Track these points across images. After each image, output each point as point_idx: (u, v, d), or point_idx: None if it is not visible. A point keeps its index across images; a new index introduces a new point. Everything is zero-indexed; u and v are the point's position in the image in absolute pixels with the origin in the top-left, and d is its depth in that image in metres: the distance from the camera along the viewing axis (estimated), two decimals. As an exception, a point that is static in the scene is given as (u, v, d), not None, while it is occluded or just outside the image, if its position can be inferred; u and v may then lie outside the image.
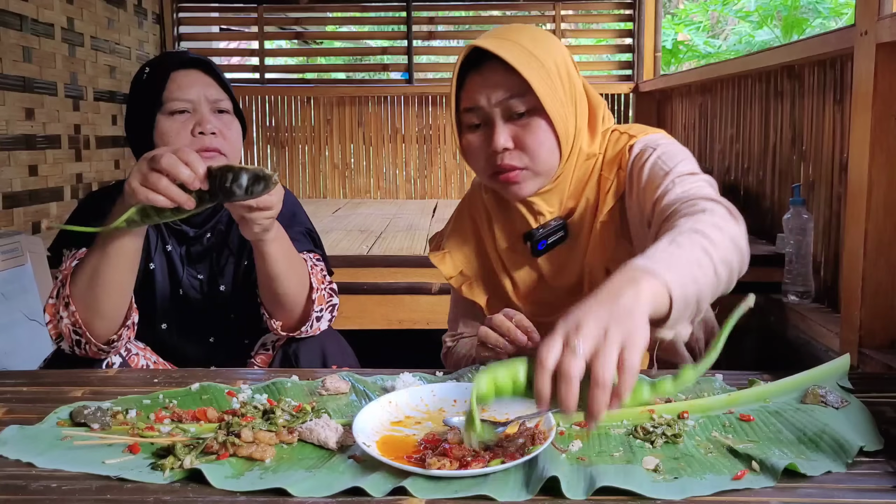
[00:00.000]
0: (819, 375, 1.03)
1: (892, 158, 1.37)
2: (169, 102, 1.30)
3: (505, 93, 1.13)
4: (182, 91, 1.31)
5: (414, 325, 2.59)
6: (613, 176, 1.21)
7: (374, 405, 0.94)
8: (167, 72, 1.31)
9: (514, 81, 1.12)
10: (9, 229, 2.85)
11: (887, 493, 0.76)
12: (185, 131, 1.30)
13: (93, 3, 3.82)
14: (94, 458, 0.83)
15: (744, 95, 2.63)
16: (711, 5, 6.86)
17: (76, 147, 3.61)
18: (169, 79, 1.31)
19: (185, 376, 1.15)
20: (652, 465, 0.81)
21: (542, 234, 1.22)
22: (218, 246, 1.43)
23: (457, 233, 1.37)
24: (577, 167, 1.21)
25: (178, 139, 1.29)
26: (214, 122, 1.31)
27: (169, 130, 1.30)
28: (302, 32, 5.61)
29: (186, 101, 1.31)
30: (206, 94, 1.32)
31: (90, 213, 1.39)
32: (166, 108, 1.30)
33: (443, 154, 5.19)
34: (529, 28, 1.19)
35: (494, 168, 1.17)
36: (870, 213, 1.38)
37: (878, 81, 1.35)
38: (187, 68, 1.33)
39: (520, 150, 1.15)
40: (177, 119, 1.30)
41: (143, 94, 1.33)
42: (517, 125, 1.15)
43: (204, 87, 1.32)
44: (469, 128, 1.20)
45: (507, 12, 5.35)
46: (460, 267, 1.34)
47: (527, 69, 1.11)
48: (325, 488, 0.76)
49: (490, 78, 1.14)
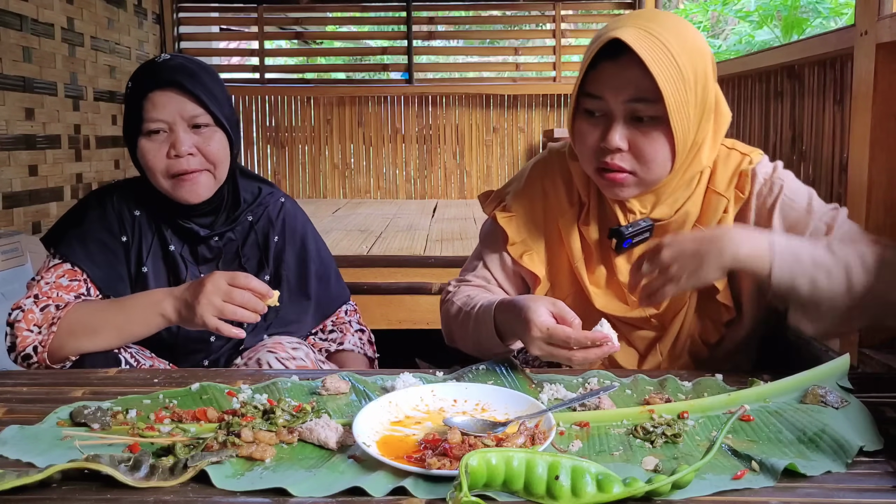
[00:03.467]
0: (819, 375, 1.03)
1: (892, 158, 1.37)
2: (146, 123, 1.32)
3: (635, 94, 1.08)
4: (157, 111, 1.31)
5: (414, 325, 2.59)
6: (731, 196, 1.18)
7: (374, 405, 0.94)
8: (144, 93, 1.32)
9: (648, 85, 1.06)
10: (9, 229, 2.85)
11: (887, 493, 0.76)
12: (161, 153, 1.33)
13: (93, 3, 3.82)
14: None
15: (744, 95, 2.63)
16: (711, 5, 6.87)
17: (76, 147, 3.62)
18: (146, 99, 1.31)
19: (185, 376, 1.15)
20: (652, 465, 0.81)
21: (630, 232, 1.18)
22: (227, 251, 1.45)
23: (525, 198, 1.30)
24: (685, 177, 1.17)
25: (156, 161, 1.33)
26: (190, 141, 1.32)
27: (147, 152, 1.33)
28: (302, 32, 5.61)
29: (162, 122, 1.32)
30: (180, 112, 1.32)
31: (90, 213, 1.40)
32: (144, 129, 1.32)
33: (443, 154, 5.19)
34: (680, 23, 1.12)
35: (601, 163, 1.13)
36: (870, 213, 1.38)
37: (878, 81, 1.35)
38: (163, 88, 1.32)
39: (633, 154, 1.11)
40: (154, 140, 1.33)
41: (127, 110, 1.36)
42: (637, 129, 1.10)
43: (179, 105, 1.32)
44: (586, 112, 1.14)
45: (507, 12, 5.36)
46: (524, 234, 1.29)
47: (664, 76, 1.05)
48: (325, 488, 0.76)
49: (623, 73, 1.08)
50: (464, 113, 5.19)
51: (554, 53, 5.14)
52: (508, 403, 0.97)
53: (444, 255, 2.73)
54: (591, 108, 1.13)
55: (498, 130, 5.21)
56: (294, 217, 1.52)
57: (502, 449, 0.76)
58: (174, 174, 1.33)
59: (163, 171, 1.33)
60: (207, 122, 1.35)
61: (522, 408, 0.95)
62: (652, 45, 1.05)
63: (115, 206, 1.41)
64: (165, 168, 1.33)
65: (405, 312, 2.51)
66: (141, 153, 1.33)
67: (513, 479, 0.74)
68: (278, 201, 1.52)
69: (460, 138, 5.19)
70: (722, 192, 1.19)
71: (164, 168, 1.33)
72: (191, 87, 1.32)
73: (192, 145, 1.33)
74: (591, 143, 1.14)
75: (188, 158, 1.32)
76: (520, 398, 0.97)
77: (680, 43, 1.07)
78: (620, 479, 0.74)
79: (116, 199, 1.42)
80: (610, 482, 0.73)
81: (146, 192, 1.41)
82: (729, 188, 1.19)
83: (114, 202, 1.41)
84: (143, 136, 1.33)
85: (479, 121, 5.20)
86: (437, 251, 2.84)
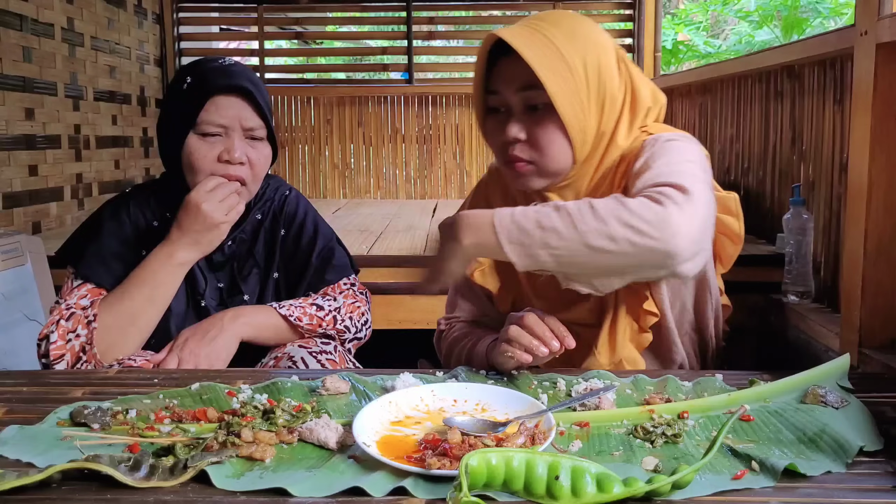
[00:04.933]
0: (819, 375, 1.03)
1: (892, 158, 1.37)
2: (203, 124, 1.31)
3: (523, 83, 1.12)
4: (219, 114, 1.31)
5: (414, 325, 2.59)
6: (622, 172, 1.17)
7: (374, 405, 0.94)
8: (208, 94, 1.30)
9: (535, 74, 1.09)
10: (9, 229, 2.85)
11: (887, 493, 0.76)
12: (213, 155, 1.32)
13: (93, 3, 3.82)
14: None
15: (744, 95, 2.63)
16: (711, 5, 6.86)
17: (76, 147, 3.61)
18: (209, 99, 1.30)
19: (185, 376, 1.15)
20: (651, 465, 0.81)
21: None
22: (240, 255, 1.44)
23: None
24: (601, 166, 1.18)
25: (204, 162, 1.32)
26: (243, 151, 1.32)
27: (197, 151, 1.32)
28: (302, 32, 5.61)
29: (220, 126, 1.31)
30: (241, 120, 1.32)
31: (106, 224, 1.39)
32: (199, 129, 1.31)
33: (443, 154, 5.19)
34: (572, 18, 1.16)
35: (506, 156, 1.17)
36: (870, 214, 1.38)
37: (878, 81, 1.35)
38: (229, 92, 1.31)
39: (530, 144, 1.15)
40: (207, 141, 1.32)
41: (179, 106, 1.33)
42: (532, 118, 1.14)
43: (241, 112, 1.32)
44: (490, 110, 1.20)
45: (507, 12, 5.35)
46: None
47: (542, 64, 1.08)
48: (325, 488, 0.76)
49: (513, 66, 1.12)
50: (464, 113, 5.18)
51: (554, 53, 5.14)
52: (508, 403, 0.97)
53: (444, 255, 2.71)
54: (494, 105, 1.19)
55: (498, 130, 5.20)
56: (296, 205, 1.51)
57: (502, 449, 0.76)
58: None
59: (208, 173, 1.32)
60: (262, 135, 1.36)
61: (522, 408, 0.95)
62: (532, 37, 1.10)
63: (132, 216, 1.40)
64: (212, 171, 1.32)
65: (405, 312, 2.51)
66: (189, 150, 1.32)
67: (513, 479, 0.74)
68: (282, 195, 1.51)
69: (460, 138, 5.19)
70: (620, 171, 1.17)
71: (211, 171, 1.32)
72: (257, 97, 1.33)
73: (244, 154, 1.33)
74: (497, 138, 1.18)
75: (237, 166, 1.32)
76: (520, 398, 0.97)
77: (566, 35, 1.12)
78: (620, 479, 0.74)
79: (132, 209, 1.41)
80: (610, 482, 0.73)
81: (166, 196, 1.40)
82: (623, 166, 1.17)
83: (129, 212, 1.40)
84: (197, 135, 1.32)
85: (479, 121, 5.20)
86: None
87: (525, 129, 1.14)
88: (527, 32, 1.11)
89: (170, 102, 1.36)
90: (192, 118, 1.30)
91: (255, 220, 1.46)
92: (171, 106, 1.36)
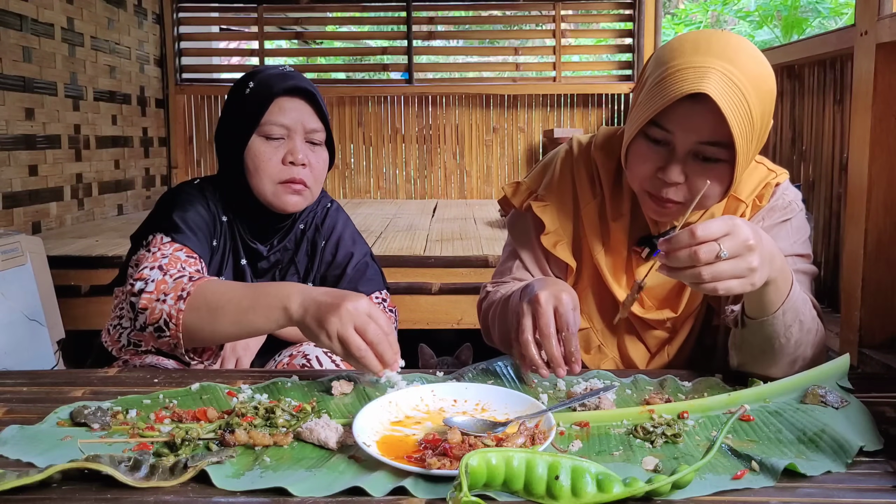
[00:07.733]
0: (819, 375, 1.03)
1: (892, 158, 1.37)
2: (267, 126, 1.32)
3: (708, 138, 1.06)
4: (284, 116, 1.32)
5: (414, 325, 2.59)
6: (750, 203, 1.19)
7: (374, 405, 0.94)
8: (272, 96, 1.32)
9: (722, 131, 1.03)
10: (9, 229, 2.85)
11: (887, 493, 0.76)
12: (277, 157, 1.33)
13: (93, 3, 3.82)
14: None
15: (744, 95, 2.63)
16: (711, 5, 6.87)
17: (76, 147, 3.62)
18: (274, 101, 1.32)
19: (185, 376, 1.15)
20: (651, 465, 0.81)
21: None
22: (282, 263, 1.46)
23: (557, 189, 1.29)
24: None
25: (269, 165, 1.33)
26: (305, 153, 1.34)
27: (261, 153, 1.33)
28: (302, 32, 5.61)
29: (284, 127, 1.33)
30: (303, 123, 1.34)
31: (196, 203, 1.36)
32: (263, 131, 1.33)
33: (443, 154, 5.20)
34: (757, 63, 1.07)
35: (654, 189, 1.12)
36: (870, 213, 1.38)
37: (878, 81, 1.35)
38: (294, 95, 1.33)
39: (688, 187, 1.10)
40: (271, 143, 1.33)
41: (242, 108, 1.35)
42: (698, 166, 1.08)
43: (304, 116, 1.34)
44: (648, 137, 1.11)
45: (506, 12, 5.35)
46: (557, 224, 1.28)
47: (739, 125, 1.03)
48: (325, 488, 0.76)
49: (700, 116, 1.05)
50: (464, 113, 5.19)
51: (554, 53, 5.15)
52: (508, 403, 0.97)
53: (444, 255, 2.72)
54: (657, 138, 1.10)
55: (498, 130, 5.21)
56: (336, 218, 1.53)
57: (502, 449, 0.76)
58: (283, 181, 1.33)
59: (273, 175, 1.33)
60: (322, 139, 1.37)
61: (522, 408, 0.95)
62: (733, 93, 1.03)
63: (212, 206, 1.38)
64: (277, 173, 1.33)
65: (405, 312, 2.51)
66: (253, 153, 1.33)
67: (513, 479, 0.74)
68: (325, 207, 1.53)
69: (460, 138, 5.20)
70: (743, 199, 1.20)
71: (276, 173, 1.33)
72: (319, 101, 1.35)
73: (306, 156, 1.34)
74: (649, 168, 1.11)
75: (300, 168, 1.33)
76: (520, 398, 0.97)
77: (756, 87, 1.05)
78: (620, 479, 0.74)
79: (211, 198, 1.39)
80: (610, 482, 0.73)
81: (232, 196, 1.40)
82: (749, 197, 1.20)
83: (207, 200, 1.38)
84: (261, 137, 1.33)
85: (479, 121, 5.20)
86: (437, 251, 2.83)
87: (685, 172, 1.09)
88: (726, 84, 1.02)
89: (231, 108, 1.38)
90: (256, 120, 1.32)
91: (299, 230, 1.48)
92: (233, 110, 1.37)
